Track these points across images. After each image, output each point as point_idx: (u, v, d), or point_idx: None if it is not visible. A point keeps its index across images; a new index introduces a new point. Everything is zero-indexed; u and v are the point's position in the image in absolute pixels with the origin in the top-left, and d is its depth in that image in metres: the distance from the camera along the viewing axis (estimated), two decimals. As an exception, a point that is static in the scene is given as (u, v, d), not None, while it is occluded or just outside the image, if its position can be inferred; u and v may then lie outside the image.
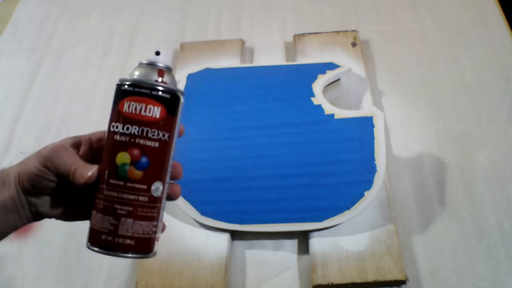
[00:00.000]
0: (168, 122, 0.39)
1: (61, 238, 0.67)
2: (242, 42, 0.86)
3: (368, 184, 0.62)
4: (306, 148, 0.67)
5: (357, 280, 0.57)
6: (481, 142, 0.70)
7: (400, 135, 0.72)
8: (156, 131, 0.38)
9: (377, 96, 0.77)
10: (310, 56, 0.81)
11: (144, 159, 0.38)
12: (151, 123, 0.38)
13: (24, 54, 0.93)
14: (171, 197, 0.41)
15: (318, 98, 0.72)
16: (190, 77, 0.77)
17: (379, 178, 0.62)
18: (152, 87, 0.38)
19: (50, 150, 0.40)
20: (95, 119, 0.80)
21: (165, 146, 0.39)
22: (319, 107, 0.71)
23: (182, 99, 0.40)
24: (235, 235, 0.64)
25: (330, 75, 0.75)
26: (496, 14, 0.86)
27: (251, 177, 0.65)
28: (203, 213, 0.63)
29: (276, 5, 0.95)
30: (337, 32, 0.84)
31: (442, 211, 0.64)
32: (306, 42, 0.83)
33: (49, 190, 0.40)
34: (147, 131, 0.38)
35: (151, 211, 0.39)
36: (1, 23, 1.00)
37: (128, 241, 0.38)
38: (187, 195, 0.64)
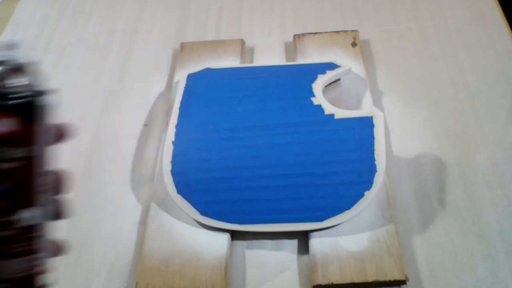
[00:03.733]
0: (27, 133, 0.31)
1: (60, 238, 0.66)
2: (242, 42, 0.85)
3: (368, 184, 0.62)
4: (306, 148, 0.67)
5: (357, 280, 0.57)
6: (481, 142, 0.70)
7: (400, 135, 0.72)
8: (13, 149, 0.31)
9: (377, 96, 0.77)
10: (310, 56, 0.81)
11: (3, 187, 0.31)
12: (4, 140, 0.30)
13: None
14: (57, 217, 0.35)
15: (318, 98, 0.72)
16: (190, 77, 0.77)
17: (379, 178, 0.62)
18: None
19: None
20: (94, 119, 0.80)
21: (30, 162, 0.32)
22: (319, 107, 0.70)
23: (43, 100, 0.32)
24: (235, 235, 0.64)
25: (330, 75, 0.75)
26: (496, 14, 0.86)
27: (251, 177, 0.65)
28: (203, 213, 0.63)
29: (276, 5, 0.95)
30: (337, 32, 0.84)
31: (442, 211, 0.64)
32: (306, 42, 0.83)
33: None
34: (1, 152, 0.30)
35: (28, 243, 0.33)
36: (1, 23, 1.00)
37: (5, 286, 0.32)
38: (187, 195, 0.64)
